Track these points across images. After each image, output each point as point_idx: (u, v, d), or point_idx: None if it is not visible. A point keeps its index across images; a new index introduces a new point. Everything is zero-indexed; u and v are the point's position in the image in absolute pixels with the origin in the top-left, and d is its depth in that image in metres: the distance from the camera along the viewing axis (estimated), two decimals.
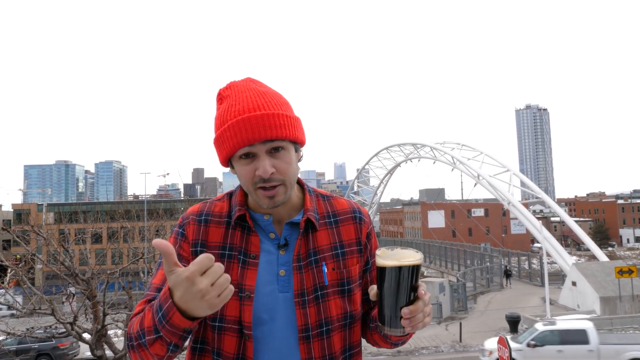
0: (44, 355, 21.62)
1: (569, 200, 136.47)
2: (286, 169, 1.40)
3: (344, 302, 1.47)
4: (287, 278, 1.43)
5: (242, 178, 1.42)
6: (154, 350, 1.24)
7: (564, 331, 15.29)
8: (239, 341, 1.39)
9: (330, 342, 1.44)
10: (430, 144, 52.22)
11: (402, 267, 1.24)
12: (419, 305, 1.26)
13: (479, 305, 30.52)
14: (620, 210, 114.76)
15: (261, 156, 1.37)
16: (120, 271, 10.08)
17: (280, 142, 1.38)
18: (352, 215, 1.57)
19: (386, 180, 69.87)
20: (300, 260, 1.45)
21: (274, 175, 1.37)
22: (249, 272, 1.42)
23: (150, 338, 1.23)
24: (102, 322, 8.86)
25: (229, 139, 1.38)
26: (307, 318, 1.41)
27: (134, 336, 1.27)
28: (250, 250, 1.45)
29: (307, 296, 1.42)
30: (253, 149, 1.37)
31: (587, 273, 27.13)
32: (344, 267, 1.49)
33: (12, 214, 66.11)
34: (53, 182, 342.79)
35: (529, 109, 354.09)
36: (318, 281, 1.44)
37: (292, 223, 1.48)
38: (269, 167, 1.36)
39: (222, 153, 1.42)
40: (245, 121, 1.36)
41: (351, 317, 1.48)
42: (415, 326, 1.27)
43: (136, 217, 23.56)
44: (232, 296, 1.31)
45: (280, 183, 1.39)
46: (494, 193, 41.93)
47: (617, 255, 64.15)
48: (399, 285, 1.25)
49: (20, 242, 10.66)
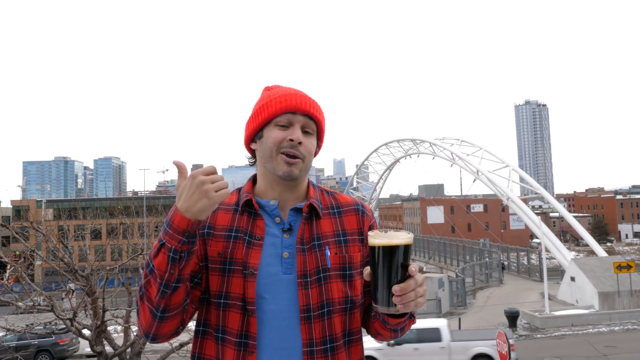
0: (43, 351, 21.65)
1: (568, 195, 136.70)
2: (310, 149, 1.55)
3: (345, 286, 1.51)
4: (290, 260, 1.48)
5: (269, 142, 1.53)
6: (156, 263, 1.33)
7: (420, 330, 15.57)
8: (243, 317, 1.44)
9: (331, 324, 1.48)
10: (429, 140, 52.17)
11: (392, 246, 1.30)
12: (410, 283, 1.30)
13: (478, 301, 30.59)
14: (619, 206, 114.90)
15: (297, 126, 1.53)
16: (119, 267, 10.08)
17: (313, 125, 1.57)
18: (354, 208, 1.64)
19: (385, 176, 69.85)
20: (303, 243, 1.52)
21: (301, 146, 1.52)
22: (253, 251, 1.48)
23: (154, 251, 1.34)
24: (101, 318, 8.87)
25: (275, 105, 1.54)
26: (309, 299, 1.46)
27: (144, 274, 1.39)
28: (255, 233, 1.51)
29: (310, 277, 1.48)
30: (293, 118, 1.53)
31: (585, 268, 27.19)
32: (346, 253, 1.55)
33: (11, 210, 66.15)
34: (52, 178, 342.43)
35: (528, 104, 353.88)
36: (321, 264, 1.51)
37: (297, 209, 1.55)
38: (301, 136, 1.52)
39: (260, 118, 1.56)
40: (293, 95, 1.56)
41: (352, 302, 1.52)
42: (407, 304, 1.30)
43: (135, 213, 23.61)
44: (236, 273, 1.46)
45: (302, 158, 1.52)
46: (493, 189, 41.93)
47: (615, 251, 64.25)
48: (390, 263, 1.30)
49: (20, 238, 10.66)
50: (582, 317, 23.65)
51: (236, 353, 1.43)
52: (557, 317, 23.48)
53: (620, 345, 19.11)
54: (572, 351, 18.64)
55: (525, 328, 23.05)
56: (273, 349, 1.43)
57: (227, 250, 1.49)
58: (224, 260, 1.48)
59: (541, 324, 23.06)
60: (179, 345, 9.12)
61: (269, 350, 1.43)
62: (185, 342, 9.22)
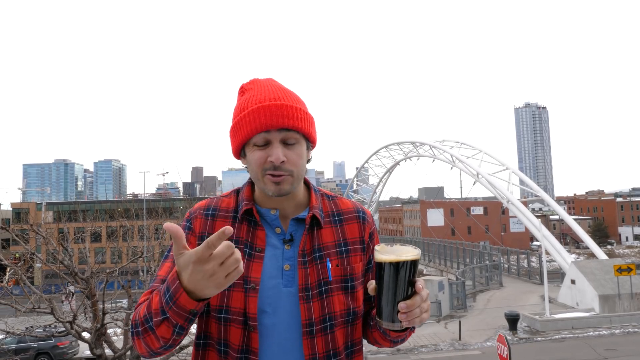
0: (43, 354, 21.60)
1: (568, 198, 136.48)
2: (297, 161, 1.45)
3: (347, 298, 1.48)
4: (291, 273, 1.45)
5: (252, 164, 1.46)
6: (160, 332, 1.26)
7: None
8: (244, 332, 1.41)
9: (334, 338, 1.45)
10: (429, 143, 52.15)
11: (400, 262, 1.27)
12: (416, 300, 1.27)
13: (478, 304, 30.53)
14: (619, 209, 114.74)
15: (275, 144, 1.43)
16: (119, 270, 10.07)
17: (294, 135, 1.45)
18: (356, 215, 1.61)
19: (385, 179, 69.85)
20: (305, 255, 1.48)
21: (284, 164, 1.43)
22: (254, 264, 1.44)
23: (157, 320, 1.25)
24: (101, 321, 8.86)
25: (247, 125, 1.44)
26: (311, 313, 1.43)
27: (140, 321, 1.30)
28: (256, 244, 1.47)
29: (311, 291, 1.44)
30: (269, 135, 1.43)
31: (586, 271, 27.15)
32: (348, 264, 1.52)
33: (11, 212, 66.01)
34: (52, 180, 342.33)
35: (528, 107, 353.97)
36: (322, 277, 1.47)
37: (298, 219, 1.51)
38: (282, 154, 1.42)
39: (238, 138, 1.47)
40: (265, 108, 1.43)
41: (354, 313, 1.50)
42: (412, 321, 1.28)
43: (135, 215, 23.55)
44: (237, 287, 1.42)
45: (289, 174, 1.44)
46: (493, 191, 41.92)
47: (616, 253, 64.19)
48: (397, 280, 1.27)
49: (20, 241, 10.63)
50: (582, 320, 23.62)
51: None
52: (558, 320, 23.44)
53: (621, 348, 19.08)
54: (573, 354, 18.61)
55: (525, 331, 23.01)
56: None
57: None
58: None
59: (541, 327, 23.02)
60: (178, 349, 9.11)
61: None
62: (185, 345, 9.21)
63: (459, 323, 23.19)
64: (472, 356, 19.34)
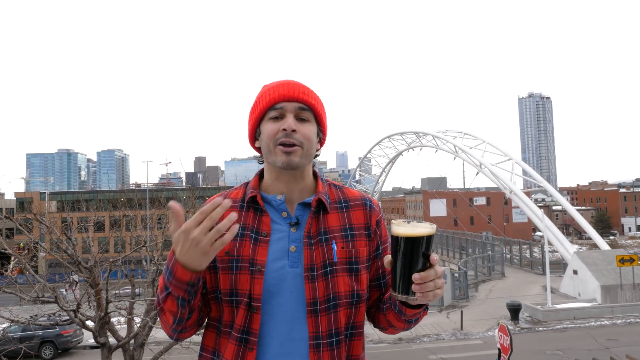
0: (47, 342, 21.78)
1: (571, 189, 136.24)
2: (308, 135, 1.53)
3: (351, 280, 1.53)
4: (297, 254, 1.50)
5: (265, 136, 1.54)
6: (167, 306, 1.39)
7: None
8: (247, 313, 1.46)
9: (337, 317, 1.50)
10: (432, 133, 52.04)
11: (416, 236, 1.32)
12: (430, 272, 1.33)
13: (480, 294, 30.62)
14: (622, 199, 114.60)
15: (289, 116, 1.52)
16: (122, 259, 10.10)
17: (307, 113, 1.55)
18: (362, 203, 1.65)
19: (388, 169, 69.82)
20: (310, 237, 1.52)
21: (295, 133, 1.50)
22: (260, 248, 1.50)
23: (163, 296, 1.38)
24: (105, 310, 8.90)
25: (265, 98, 1.55)
26: (316, 292, 1.48)
27: (156, 301, 1.43)
28: (261, 229, 1.53)
29: (316, 271, 1.49)
30: (283, 107, 1.52)
31: (588, 261, 27.17)
32: (353, 247, 1.56)
33: (15, 202, 66.44)
34: (55, 170, 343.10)
35: (531, 97, 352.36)
36: (327, 257, 1.51)
37: (305, 204, 1.56)
38: (294, 124, 1.51)
39: (255, 113, 1.57)
40: (283, 84, 1.56)
41: (358, 296, 1.54)
42: (426, 294, 1.33)
43: (138, 205, 23.61)
44: (244, 271, 1.49)
45: (300, 145, 1.51)
46: (496, 182, 41.86)
47: (618, 244, 64.26)
48: (412, 252, 1.32)
49: (23, 230, 10.66)
50: (584, 310, 23.67)
51: (236, 348, 1.47)
52: (560, 310, 23.52)
53: (623, 339, 19.14)
54: (574, 344, 18.66)
55: (527, 321, 23.09)
56: (281, 341, 1.46)
57: (234, 249, 1.51)
58: (231, 259, 1.50)
59: (543, 317, 23.10)
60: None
61: (276, 342, 1.46)
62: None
63: (461, 313, 23.29)
64: (474, 346, 19.42)
